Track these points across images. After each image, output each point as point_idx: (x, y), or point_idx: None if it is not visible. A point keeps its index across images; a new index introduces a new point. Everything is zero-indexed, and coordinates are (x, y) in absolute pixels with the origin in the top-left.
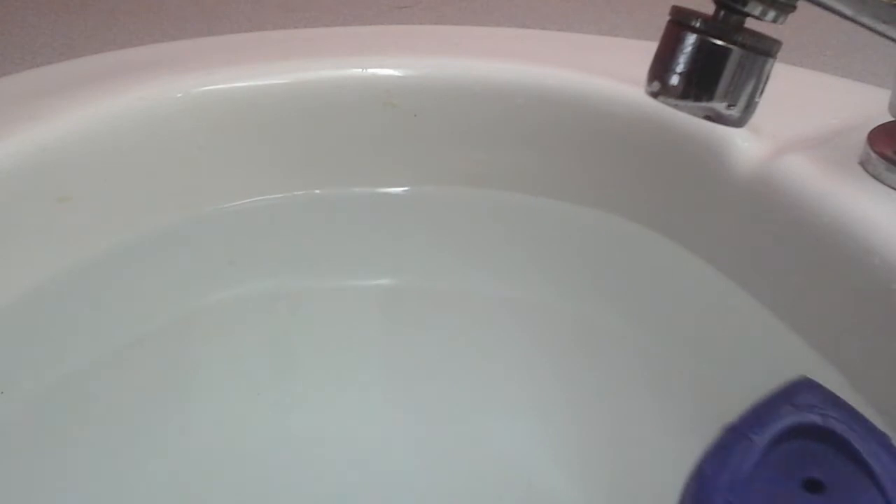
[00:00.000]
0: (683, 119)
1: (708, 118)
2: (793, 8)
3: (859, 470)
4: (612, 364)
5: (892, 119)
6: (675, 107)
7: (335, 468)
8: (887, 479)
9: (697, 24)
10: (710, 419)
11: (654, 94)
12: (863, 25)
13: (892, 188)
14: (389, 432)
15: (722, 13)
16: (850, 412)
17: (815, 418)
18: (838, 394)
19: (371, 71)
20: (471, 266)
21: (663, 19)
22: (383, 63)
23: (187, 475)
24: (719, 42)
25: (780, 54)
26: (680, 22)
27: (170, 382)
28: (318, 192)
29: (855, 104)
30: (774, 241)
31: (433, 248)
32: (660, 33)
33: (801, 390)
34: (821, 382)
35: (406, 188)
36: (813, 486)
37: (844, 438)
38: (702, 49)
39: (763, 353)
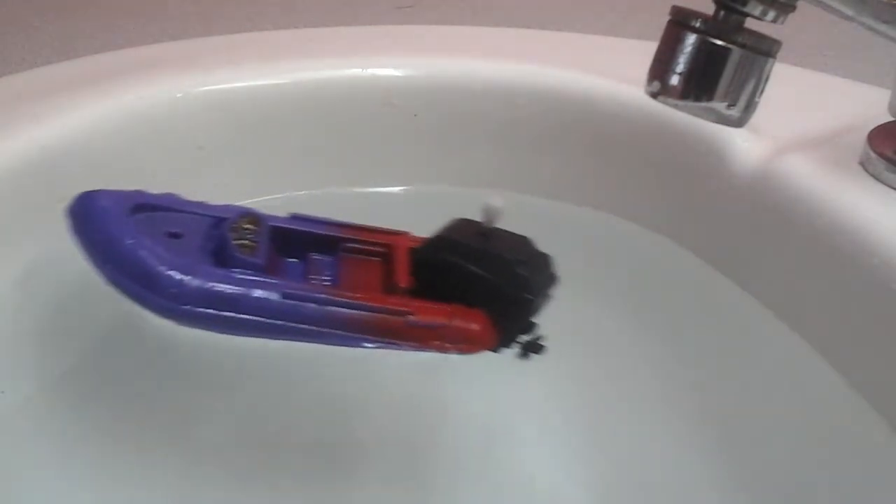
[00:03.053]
0: (683, 119)
1: (708, 118)
2: (793, 8)
3: (188, 216)
4: (610, 364)
5: (892, 119)
6: (675, 107)
7: (335, 466)
8: (211, 210)
9: (697, 24)
10: (710, 418)
11: (654, 94)
12: (863, 25)
13: (892, 188)
14: (389, 430)
15: (722, 13)
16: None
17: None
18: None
19: (371, 71)
20: None
21: (663, 19)
22: (383, 63)
23: (189, 473)
24: (719, 42)
25: (780, 54)
26: (680, 22)
27: (169, 381)
28: (318, 192)
29: (855, 104)
30: (774, 241)
31: None
32: (660, 33)
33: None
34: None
35: (406, 188)
36: (173, 236)
37: (160, 205)
38: (702, 49)
39: (763, 351)
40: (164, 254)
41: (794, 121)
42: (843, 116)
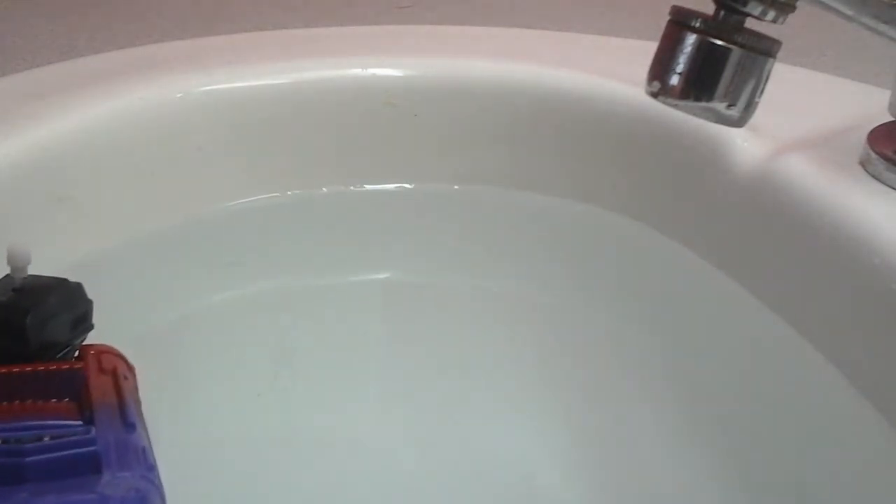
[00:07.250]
0: (683, 119)
1: (708, 118)
2: (793, 8)
3: None
4: (609, 361)
5: (892, 119)
6: (675, 107)
7: (335, 466)
8: None
9: (697, 24)
10: (707, 417)
11: (654, 94)
12: (863, 25)
13: (892, 188)
14: (389, 429)
15: (722, 13)
16: None
17: None
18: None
19: (371, 71)
20: (472, 263)
21: (663, 19)
22: (383, 63)
23: (187, 474)
24: (719, 42)
25: (780, 54)
26: (680, 22)
27: (170, 382)
28: (318, 191)
29: (855, 104)
30: (774, 241)
31: (433, 246)
32: (660, 33)
33: None
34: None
35: (406, 187)
36: None
37: None
38: (702, 49)
39: (762, 351)
40: None
41: (794, 121)
42: (843, 116)
